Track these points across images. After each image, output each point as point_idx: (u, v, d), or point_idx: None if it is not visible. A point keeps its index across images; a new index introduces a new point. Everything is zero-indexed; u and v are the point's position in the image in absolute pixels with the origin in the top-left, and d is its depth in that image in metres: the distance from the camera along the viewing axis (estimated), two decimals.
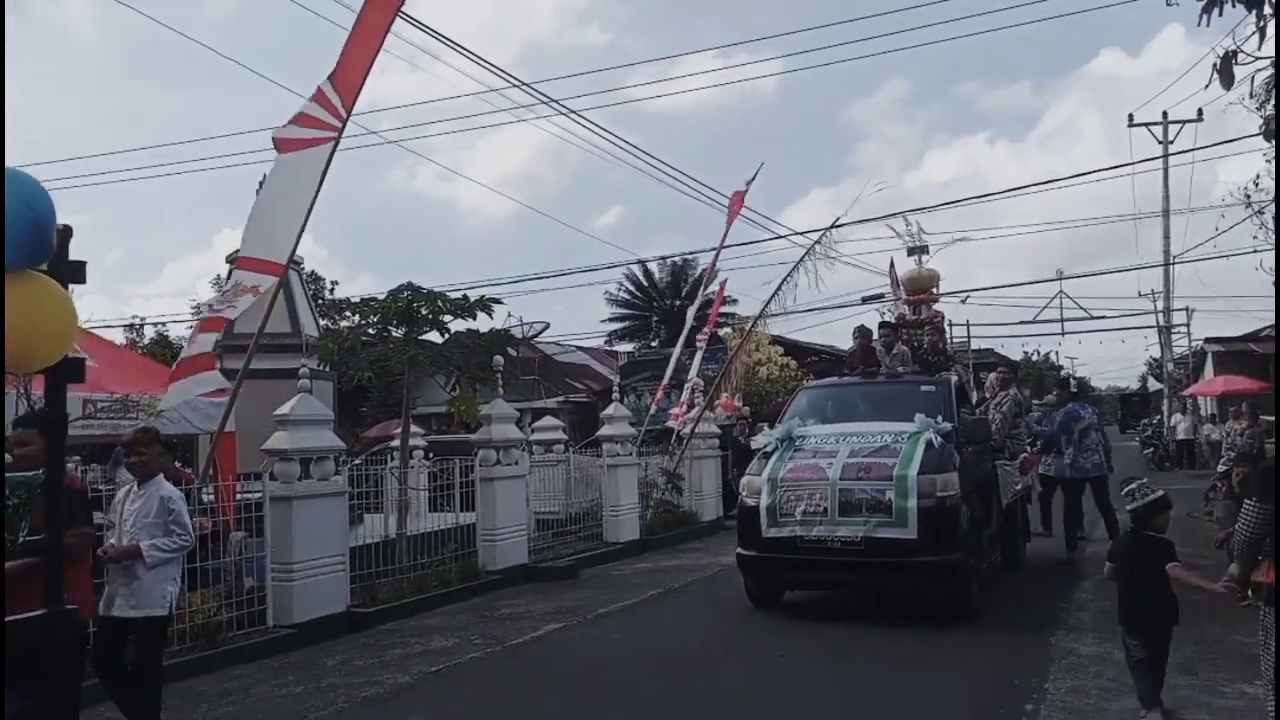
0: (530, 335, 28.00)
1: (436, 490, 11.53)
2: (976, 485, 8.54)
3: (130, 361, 11.72)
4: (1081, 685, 5.92)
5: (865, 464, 7.93)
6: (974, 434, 8.82)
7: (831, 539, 7.69)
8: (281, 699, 6.32)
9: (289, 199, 8.12)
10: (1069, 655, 6.71)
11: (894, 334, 10.53)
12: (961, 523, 7.77)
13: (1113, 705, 5.51)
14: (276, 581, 8.06)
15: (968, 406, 9.77)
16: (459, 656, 7.30)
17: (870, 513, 7.63)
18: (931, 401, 8.80)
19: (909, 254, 12.46)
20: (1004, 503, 9.57)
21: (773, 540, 7.97)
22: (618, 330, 44.03)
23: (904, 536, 7.50)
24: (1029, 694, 5.77)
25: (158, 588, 5.07)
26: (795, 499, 7.92)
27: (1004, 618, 8.12)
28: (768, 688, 6.21)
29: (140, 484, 5.21)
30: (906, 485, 7.60)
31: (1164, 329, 31.10)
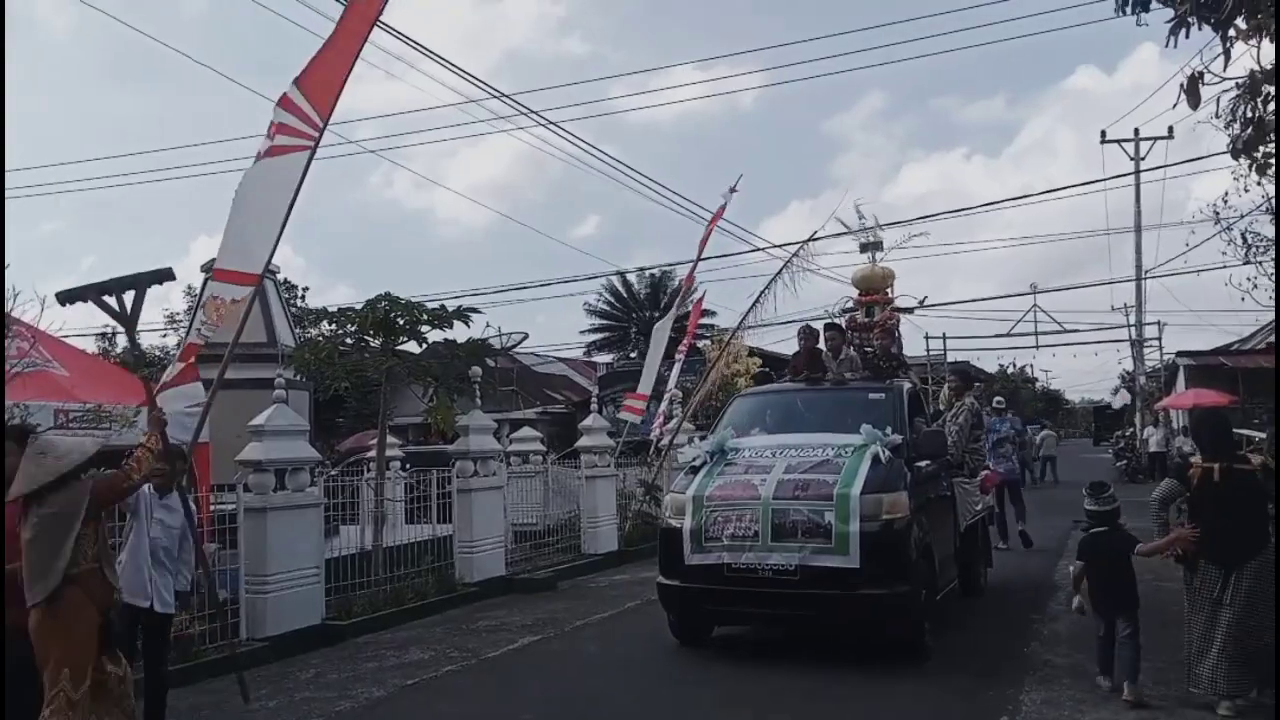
0: (509, 346, 27.94)
1: (413, 502, 11.46)
2: (930, 506, 7.65)
3: (103, 371, 11.55)
4: (1056, 697, 5.96)
5: (803, 481, 7.01)
6: (928, 448, 7.87)
7: (762, 567, 6.74)
8: (254, 713, 6.25)
9: (264, 207, 8.05)
10: (1044, 667, 6.76)
11: (841, 336, 9.52)
12: (911, 549, 6.85)
13: (1087, 715, 5.55)
14: (250, 594, 7.97)
15: (922, 417, 8.86)
16: (435, 669, 7.25)
17: (807, 537, 6.69)
18: (880, 411, 7.92)
19: (861, 250, 11.28)
20: (962, 525, 8.72)
21: (696, 568, 7.01)
22: (596, 341, 44.00)
23: (844, 565, 6.57)
24: (1003, 705, 5.81)
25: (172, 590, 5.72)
26: (723, 520, 6.96)
27: (978, 628, 8.18)
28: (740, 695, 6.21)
29: (162, 495, 5.77)
30: (848, 506, 6.68)
31: (1136, 342, 31.49)
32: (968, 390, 10.18)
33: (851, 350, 9.48)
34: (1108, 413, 57.61)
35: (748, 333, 17.20)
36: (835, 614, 6.79)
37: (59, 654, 4.35)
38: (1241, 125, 5.30)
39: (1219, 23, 4.50)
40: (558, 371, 36.64)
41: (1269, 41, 4.75)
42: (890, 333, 10.17)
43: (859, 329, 10.19)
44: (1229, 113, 5.14)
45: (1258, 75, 4.83)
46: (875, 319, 10.43)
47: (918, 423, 8.38)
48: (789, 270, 14.84)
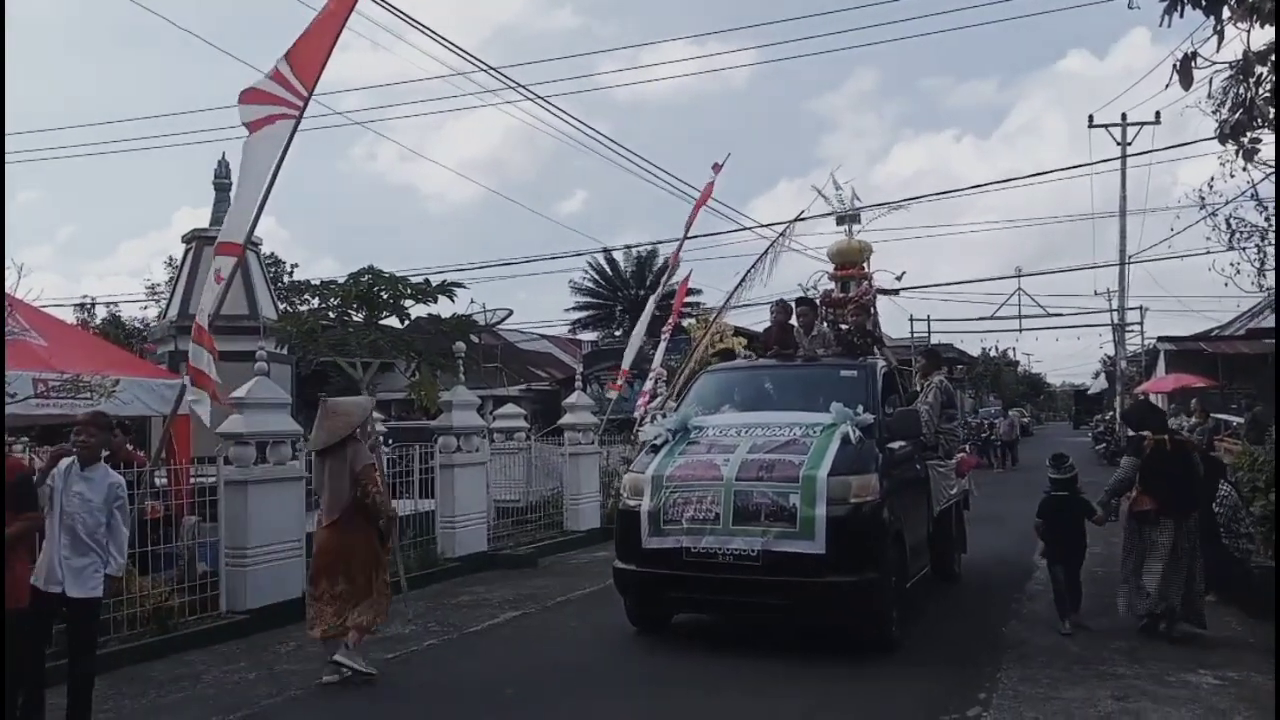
0: (493, 322, 27.82)
1: (395, 477, 11.41)
2: (902, 489, 7.37)
3: (82, 341, 11.44)
4: (1033, 675, 6.03)
5: (768, 461, 6.69)
6: (901, 429, 7.47)
7: (723, 552, 6.40)
8: (234, 685, 6.23)
9: (246, 179, 7.97)
10: (1021, 645, 6.83)
11: (814, 312, 9.16)
12: (881, 535, 6.57)
13: (1064, 693, 5.62)
14: (230, 567, 7.93)
15: (897, 396, 8.55)
16: (416, 644, 7.25)
17: (770, 521, 6.37)
18: (852, 389, 7.58)
19: (838, 222, 10.90)
20: (936, 509, 8.42)
21: (654, 552, 6.65)
22: (581, 319, 43.87)
23: (809, 551, 6.26)
24: (980, 683, 5.87)
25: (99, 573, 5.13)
26: (683, 502, 6.62)
27: (955, 609, 8.24)
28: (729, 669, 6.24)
29: (84, 467, 5.15)
30: (814, 488, 6.37)
31: (1118, 327, 31.72)
32: (936, 369, 9.79)
33: (825, 326, 9.19)
34: (1088, 396, 58.19)
35: (733, 311, 17.22)
36: (798, 602, 6.44)
37: (348, 559, 6.22)
38: (1231, 108, 5.30)
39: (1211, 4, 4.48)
40: (542, 349, 36.54)
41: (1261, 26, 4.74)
42: (866, 309, 9.78)
43: (833, 304, 9.86)
44: (1220, 95, 5.13)
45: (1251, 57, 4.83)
46: (850, 294, 10.10)
47: (891, 402, 8.09)
48: (775, 249, 14.84)
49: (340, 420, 6.42)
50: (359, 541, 6.26)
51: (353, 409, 6.63)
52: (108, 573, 5.15)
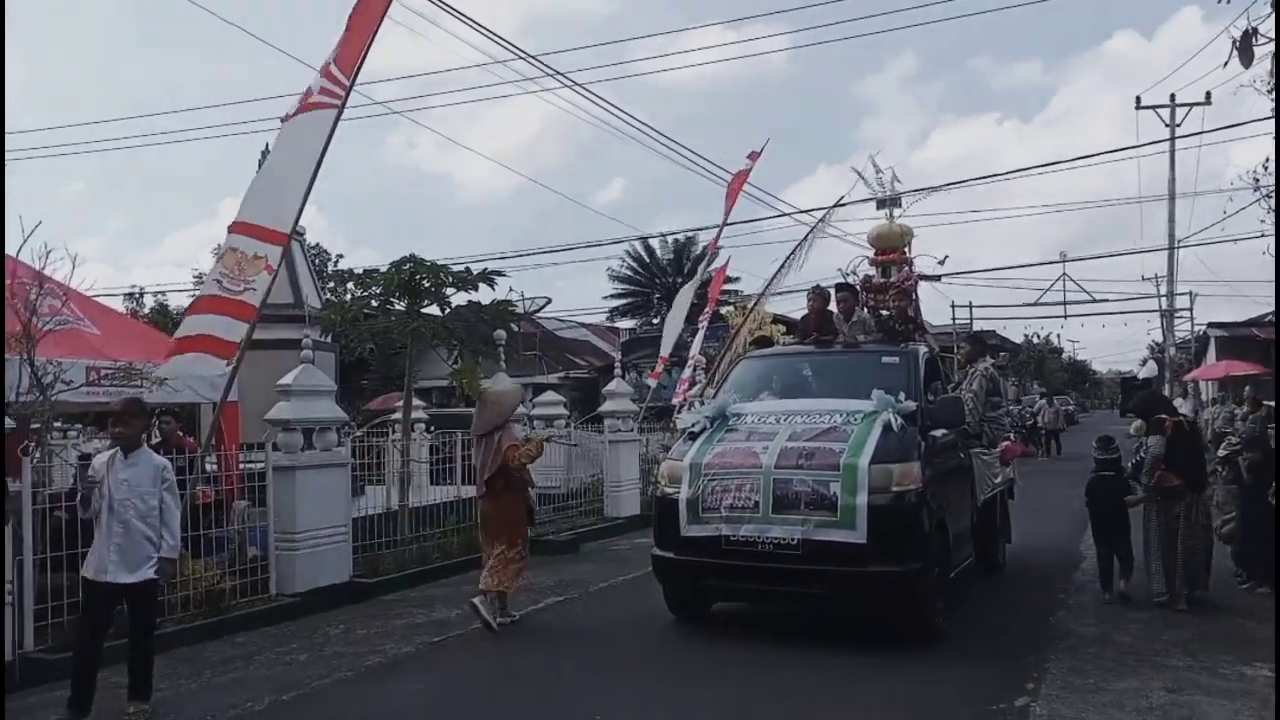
0: (532, 310, 27.99)
1: (437, 463, 11.54)
2: (945, 478, 7.22)
3: (133, 330, 11.68)
4: (1082, 665, 5.94)
5: (808, 449, 6.59)
6: (943, 416, 7.34)
7: (762, 540, 6.35)
8: (285, 666, 6.35)
9: (291, 167, 8.05)
10: (1069, 636, 6.74)
11: (854, 297, 9.05)
12: (923, 524, 6.45)
13: (1114, 684, 5.53)
14: (280, 551, 8.08)
15: (939, 383, 8.44)
16: (462, 628, 7.32)
17: (810, 509, 6.28)
18: (894, 376, 7.45)
19: (878, 206, 10.67)
20: (980, 498, 8.23)
21: (692, 540, 6.62)
22: (619, 307, 43.97)
23: (850, 540, 6.17)
24: (1028, 673, 5.80)
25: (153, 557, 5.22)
26: (721, 490, 6.57)
27: (1000, 599, 8.15)
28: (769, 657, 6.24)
29: (126, 453, 5.23)
30: (855, 477, 6.27)
31: (1167, 313, 31.05)
32: (981, 356, 9.59)
33: (865, 312, 9.06)
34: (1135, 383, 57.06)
35: (771, 298, 17.12)
36: (840, 592, 6.36)
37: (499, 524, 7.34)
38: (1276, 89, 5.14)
39: None
40: (580, 337, 36.69)
41: None
42: (907, 294, 9.57)
43: (874, 290, 9.68)
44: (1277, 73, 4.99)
45: None
46: (891, 279, 9.87)
47: (934, 389, 7.96)
48: (814, 235, 14.72)
49: (494, 410, 7.47)
50: (510, 510, 7.38)
51: (505, 399, 7.69)
52: (161, 555, 5.22)
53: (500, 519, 7.39)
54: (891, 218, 10.65)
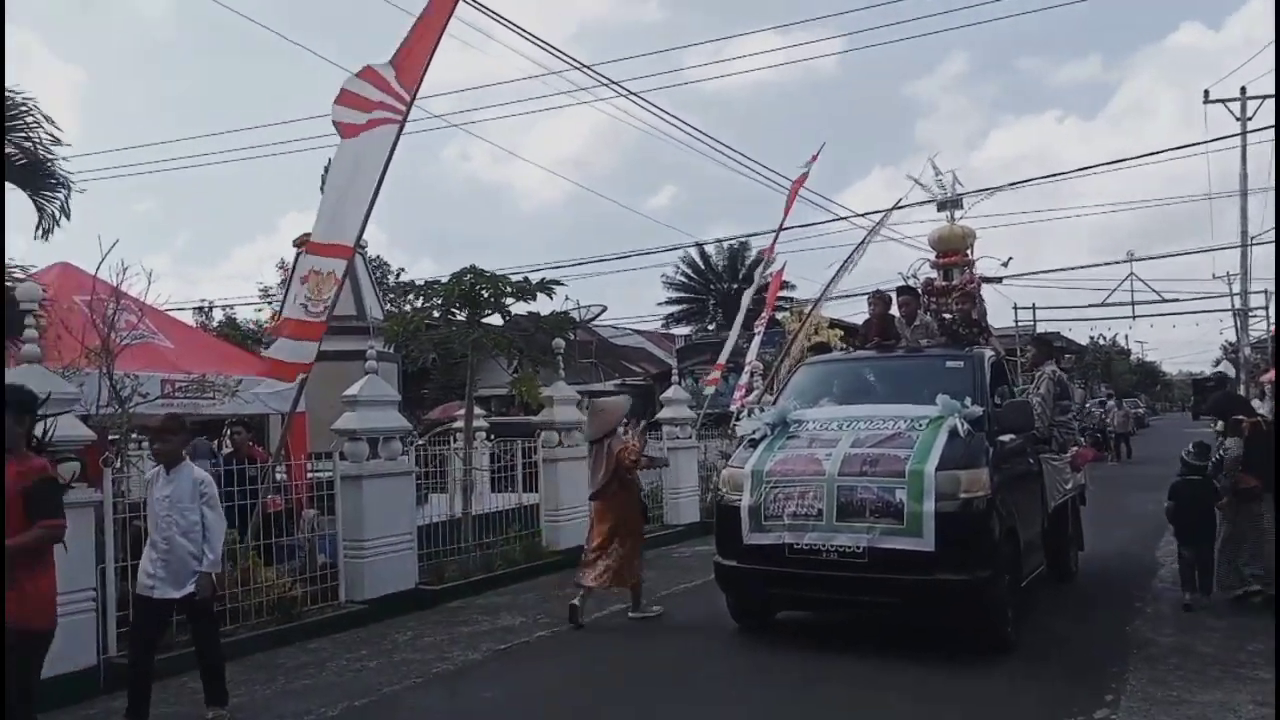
0: (588, 318, 28.12)
1: (497, 471, 11.65)
2: (1014, 484, 7.07)
3: (204, 342, 12.00)
4: (1164, 676, 5.77)
5: (872, 456, 6.49)
6: (1011, 420, 7.15)
7: (827, 548, 6.25)
8: (356, 673, 6.46)
9: (354, 182, 8.20)
10: (1148, 645, 6.55)
11: (916, 301, 8.93)
12: (992, 531, 6.31)
13: (1198, 696, 5.35)
14: (348, 558, 8.22)
15: (1006, 387, 8.25)
16: (527, 635, 7.38)
17: (875, 517, 6.19)
18: (959, 380, 7.31)
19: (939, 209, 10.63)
20: (1051, 505, 8.06)
21: (755, 548, 6.54)
22: (674, 313, 44.00)
23: (917, 548, 6.05)
24: (1107, 684, 5.64)
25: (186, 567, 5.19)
26: (784, 498, 6.49)
27: (1075, 608, 7.94)
28: (835, 667, 6.16)
29: (168, 469, 5.27)
30: (922, 483, 6.15)
31: (1240, 312, 30.03)
32: (1047, 359, 9.36)
33: (927, 316, 8.93)
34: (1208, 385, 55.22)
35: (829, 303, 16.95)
36: (907, 601, 6.25)
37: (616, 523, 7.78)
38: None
39: None
40: (635, 344, 36.73)
41: None
42: (971, 297, 9.42)
43: (936, 293, 9.56)
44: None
45: None
46: (954, 282, 9.77)
47: (1001, 393, 7.80)
48: (871, 239, 14.55)
49: (603, 418, 8.12)
50: (623, 511, 7.85)
51: (613, 408, 8.42)
52: (200, 569, 5.18)
53: (617, 518, 7.83)
54: (953, 220, 10.54)
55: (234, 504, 7.64)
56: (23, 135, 8.07)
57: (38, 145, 8.03)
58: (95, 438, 6.51)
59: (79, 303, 8.08)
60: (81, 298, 8.05)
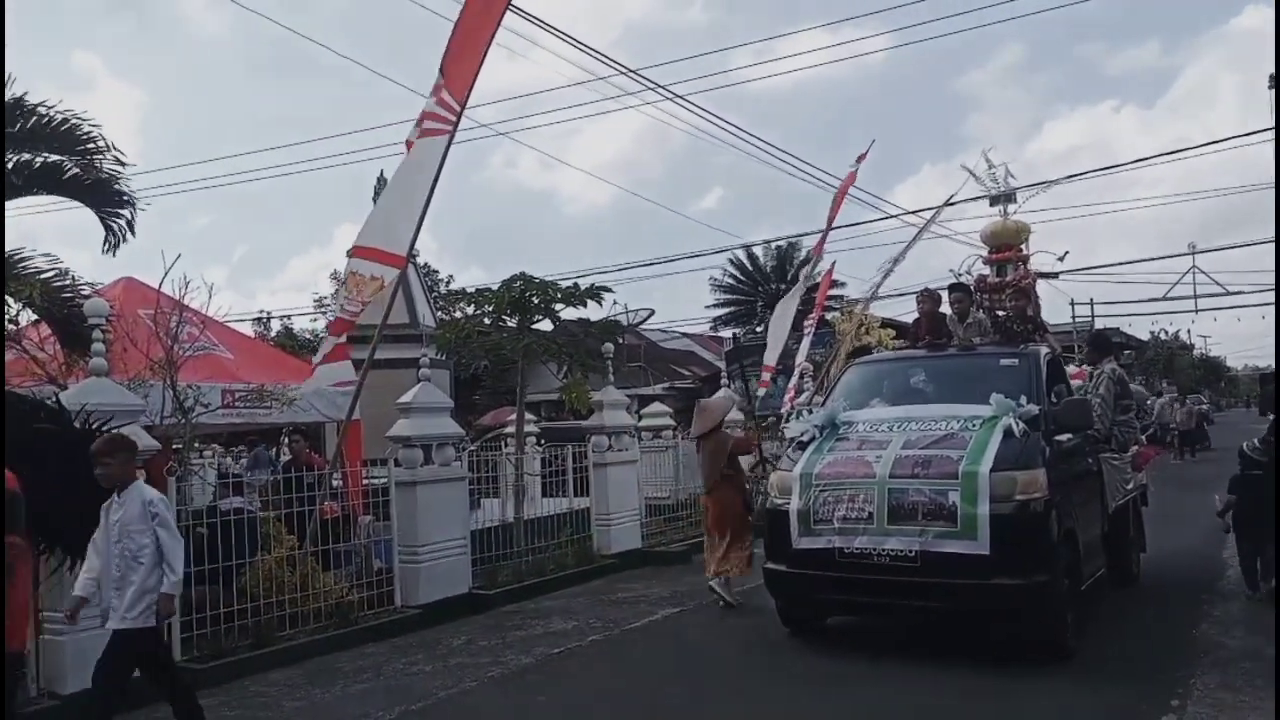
0: (636, 322, 28.17)
1: (548, 476, 11.73)
2: (1073, 485, 6.86)
3: (263, 353, 12.30)
4: (1232, 681, 5.60)
5: (924, 457, 6.35)
6: (1069, 419, 6.94)
7: (878, 552, 6.14)
8: (412, 676, 6.55)
9: (407, 192, 8.34)
10: (1216, 649, 6.37)
11: (969, 298, 8.72)
12: (1050, 534, 6.13)
13: (1266, 702, 5.17)
14: (403, 563, 8.34)
15: (1064, 385, 7.96)
16: (579, 639, 7.42)
17: (928, 520, 6.05)
18: (1013, 379, 7.11)
19: (991, 203, 10.30)
20: (1111, 506, 7.82)
21: (805, 553, 6.44)
22: (723, 316, 43.83)
23: (972, 551, 5.90)
24: (1173, 688, 5.50)
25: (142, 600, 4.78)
26: (834, 501, 6.38)
27: (1139, 610, 7.75)
28: (889, 673, 6.09)
29: (119, 493, 4.91)
30: (976, 485, 6.00)
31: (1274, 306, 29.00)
32: (1104, 357, 8.99)
33: (980, 313, 8.73)
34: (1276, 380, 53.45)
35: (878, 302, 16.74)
36: (962, 606, 6.10)
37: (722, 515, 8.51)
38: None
39: None
40: (683, 347, 36.68)
41: None
42: (1025, 293, 9.18)
43: (989, 290, 9.32)
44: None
45: None
46: (1008, 278, 9.52)
47: (1058, 392, 7.52)
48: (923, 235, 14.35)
49: (708, 416, 8.82)
50: (729, 504, 8.50)
51: (717, 407, 9.24)
52: (162, 590, 4.78)
53: (721, 513, 8.51)
54: (1006, 214, 10.28)
55: (292, 510, 7.85)
56: (86, 157, 8.38)
57: (103, 168, 8.35)
58: (160, 447, 6.71)
59: (144, 316, 8.35)
60: (146, 311, 8.32)
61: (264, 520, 7.67)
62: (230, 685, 6.38)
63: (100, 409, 6.00)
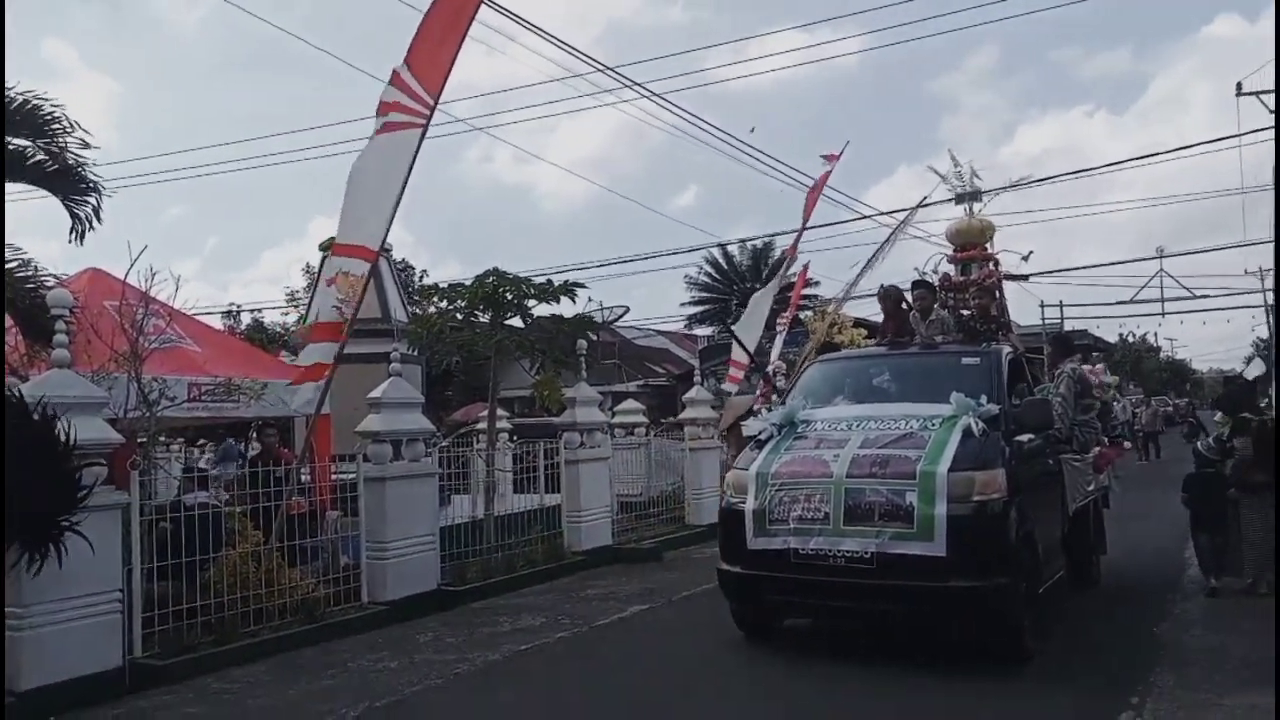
0: (610, 319, 28.14)
1: (520, 472, 11.70)
2: (1032, 485, 6.74)
3: (232, 346, 12.15)
4: (1192, 679, 5.69)
5: (882, 456, 6.23)
6: (1030, 420, 6.87)
7: (834, 554, 6.02)
8: (378, 673, 6.50)
9: (379, 185, 8.26)
10: (1175, 647, 6.46)
11: (931, 296, 8.62)
12: (1008, 535, 6.04)
13: (1228, 699, 5.26)
14: (371, 559, 8.28)
15: (1025, 385, 7.90)
16: (547, 636, 7.40)
17: (885, 520, 5.94)
18: (974, 378, 7.03)
19: (956, 201, 10.23)
20: (1071, 508, 7.75)
21: (759, 554, 6.31)
22: (697, 314, 43.89)
23: (929, 553, 5.81)
24: (1132, 685, 5.57)
25: None
26: (790, 501, 6.24)
27: (1101, 610, 7.84)
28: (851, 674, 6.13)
29: None
30: (934, 485, 5.90)
31: (1273, 308, 29.53)
32: (1066, 357, 9.00)
33: (944, 311, 8.66)
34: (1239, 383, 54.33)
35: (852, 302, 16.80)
36: (918, 608, 6.03)
37: None
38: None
39: None
40: (658, 345, 36.69)
41: None
42: (990, 292, 9.08)
43: (953, 288, 9.24)
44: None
45: None
46: (972, 277, 9.40)
47: (1019, 391, 7.47)
48: (896, 237, 14.41)
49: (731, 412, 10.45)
50: None
51: (740, 403, 10.91)
52: None
53: None
54: (971, 213, 10.20)
55: (259, 505, 7.76)
56: (50, 141, 8.19)
57: (67, 151, 8.13)
58: (123, 441, 6.61)
59: (109, 308, 8.21)
60: (111, 303, 8.18)
61: (229, 515, 7.58)
62: (192, 681, 6.30)
63: (62, 401, 5.91)
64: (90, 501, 5.81)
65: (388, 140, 8.10)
